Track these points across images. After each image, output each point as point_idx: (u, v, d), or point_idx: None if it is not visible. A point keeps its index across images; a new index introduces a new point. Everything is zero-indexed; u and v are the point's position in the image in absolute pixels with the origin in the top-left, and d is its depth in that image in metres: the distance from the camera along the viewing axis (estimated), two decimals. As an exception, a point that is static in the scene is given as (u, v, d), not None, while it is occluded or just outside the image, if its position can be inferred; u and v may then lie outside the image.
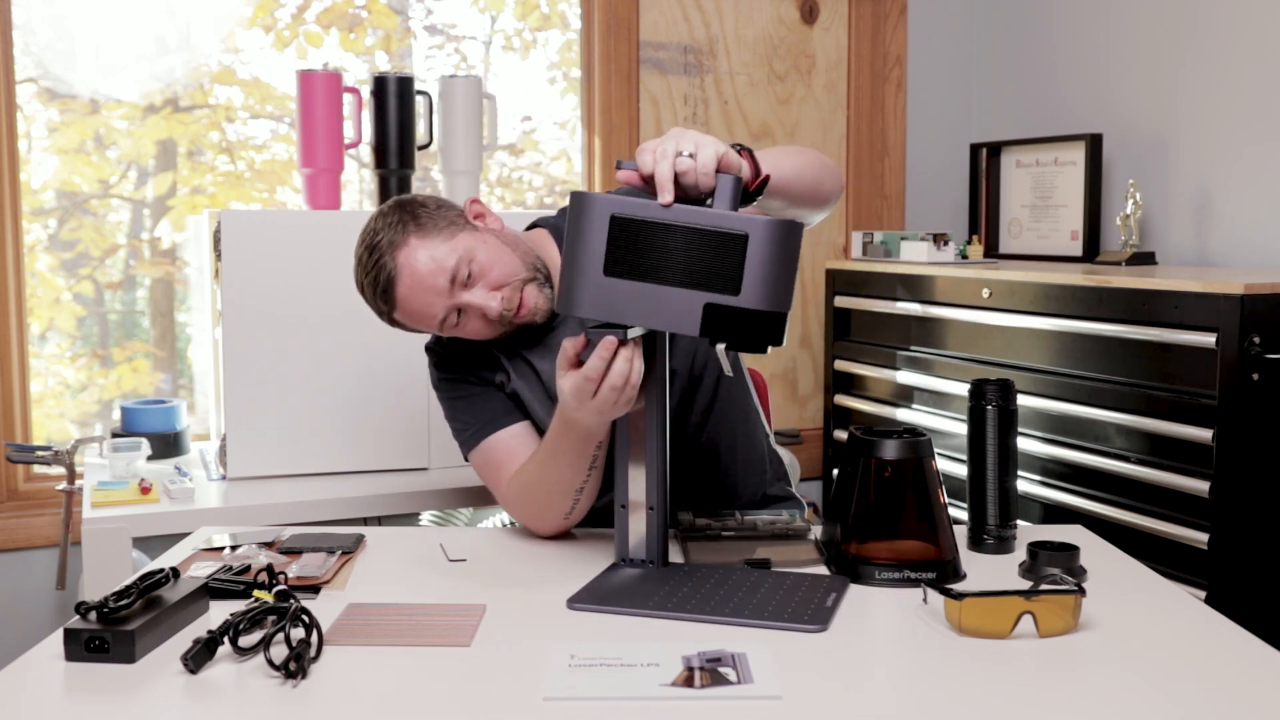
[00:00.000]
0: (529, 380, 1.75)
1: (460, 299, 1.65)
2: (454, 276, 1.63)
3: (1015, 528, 1.59)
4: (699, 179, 1.36)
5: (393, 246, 1.64)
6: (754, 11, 3.02)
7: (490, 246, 1.67)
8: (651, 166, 1.37)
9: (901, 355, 2.64)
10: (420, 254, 1.64)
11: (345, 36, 2.82)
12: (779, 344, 1.34)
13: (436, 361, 1.80)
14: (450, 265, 1.63)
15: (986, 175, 2.94)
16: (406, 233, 1.65)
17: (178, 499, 2.08)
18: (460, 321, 1.67)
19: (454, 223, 1.68)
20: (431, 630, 1.28)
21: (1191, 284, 1.97)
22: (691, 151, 1.36)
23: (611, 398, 1.39)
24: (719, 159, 1.37)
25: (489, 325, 1.68)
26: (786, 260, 1.32)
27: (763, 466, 1.87)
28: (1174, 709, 1.10)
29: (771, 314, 1.32)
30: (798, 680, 1.14)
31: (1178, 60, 2.56)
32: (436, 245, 1.64)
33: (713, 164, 1.36)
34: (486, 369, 1.76)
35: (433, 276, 1.63)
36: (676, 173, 1.35)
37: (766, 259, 1.31)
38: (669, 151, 1.36)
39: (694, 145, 1.37)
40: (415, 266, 1.63)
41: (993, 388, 1.59)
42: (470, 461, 1.78)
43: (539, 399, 1.74)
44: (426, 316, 1.66)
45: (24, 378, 2.53)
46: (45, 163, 2.64)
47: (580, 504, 1.62)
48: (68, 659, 1.19)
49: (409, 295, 1.65)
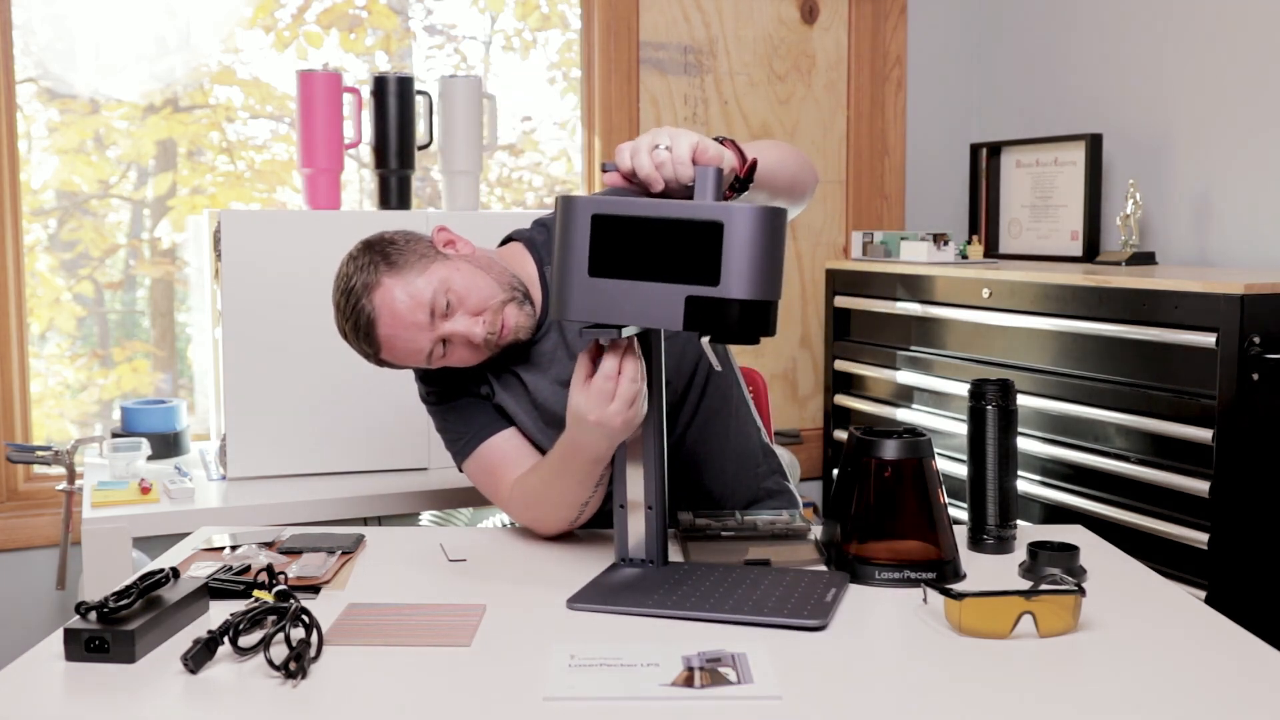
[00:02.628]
0: (515, 392, 1.75)
1: (443, 330, 1.63)
2: (433, 309, 1.62)
3: (1015, 528, 1.59)
4: (677, 170, 1.36)
5: (368, 289, 1.62)
6: (754, 11, 3.02)
7: (464, 273, 1.66)
8: (631, 163, 1.38)
9: (901, 355, 2.64)
10: (397, 292, 1.62)
11: (345, 37, 2.82)
12: (769, 333, 1.32)
13: (423, 376, 1.80)
14: (428, 298, 1.62)
15: (986, 175, 2.94)
16: (379, 273, 1.63)
17: (178, 499, 2.08)
18: (447, 352, 1.66)
19: (425, 255, 1.66)
20: (431, 630, 1.28)
21: (1191, 284, 1.97)
22: (668, 145, 1.37)
23: (632, 391, 1.39)
24: (694, 148, 1.37)
25: (475, 351, 1.67)
26: (768, 247, 1.29)
27: (755, 460, 1.87)
28: (1174, 709, 1.10)
29: (755, 303, 1.30)
30: (798, 680, 1.14)
31: (1178, 60, 2.56)
32: (411, 280, 1.62)
33: (688, 154, 1.37)
34: (471, 382, 1.77)
35: (412, 313, 1.62)
36: (655, 164, 1.36)
37: (745, 247, 1.28)
38: (643, 146, 1.37)
39: (669, 138, 1.38)
40: (393, 306, 1.62)
41: (993, 388, 1.59)
42: (465, 471, 1.77)
43: (525, 410, 1.75)
44: (412, 353, 1.65)
45: (24, 378, 2.53)
46: (45, 163, 2.64)
47: (586, 512, 1.63)
48: (68, 659, 1.19)
49: (391, 335, 1.63)
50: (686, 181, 1.37)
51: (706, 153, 1.38)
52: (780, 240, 1.31)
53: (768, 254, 1.29)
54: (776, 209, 1.31)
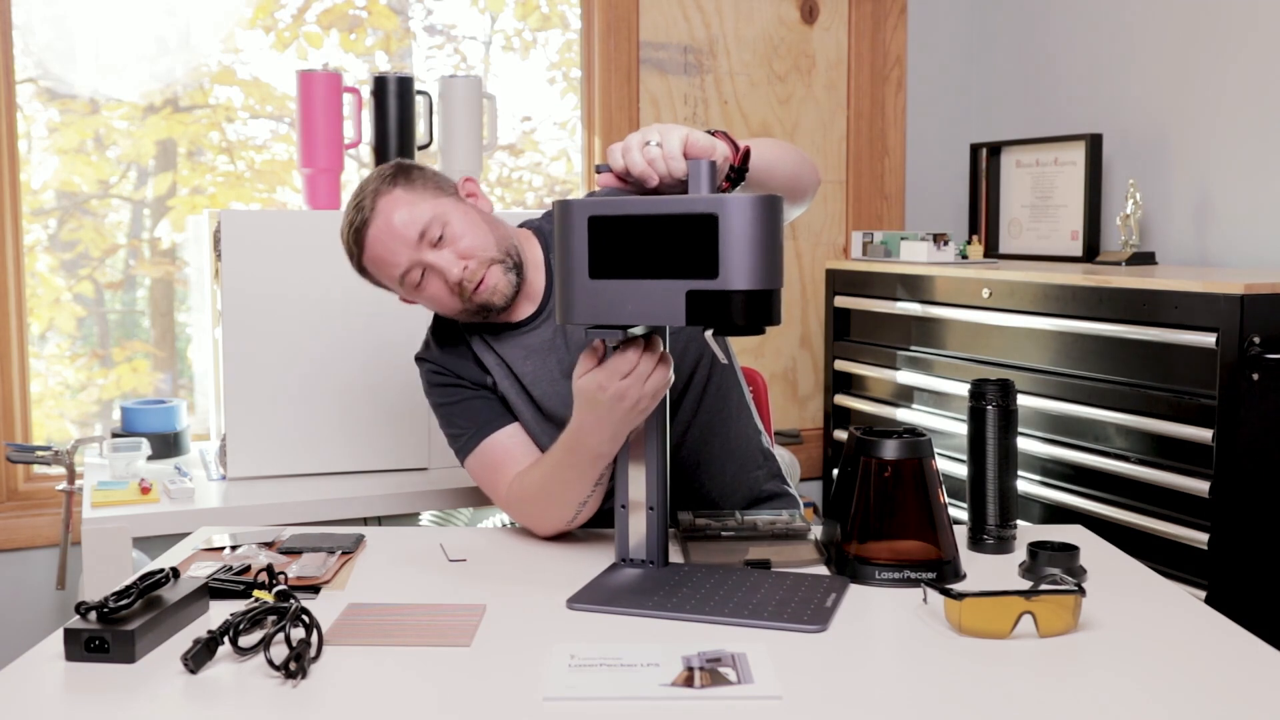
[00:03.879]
0: (510, 382, 1.76)
1: (425, 257, 1.68)
2: (424, 232, 1.67)
3: (1015, 528, 1.59)
4: (669, 164, 1.37)
5: (376, 194, 1.70)
6: (754, 11, 3.02)
7: (469, 218, 1.71)
8: (623, 162, 1.38)
9: (901, 355, 2.64)
10: (400, 205, 1.68)
11: (345, 37, 2.82)
12: (774, 322, 1.31)
13: (428, 370, 1.81)
14: (423, 221, 1.67)
15: (986, 175, 2.94)
16: (394, 185, 1.70)
17: (178, 499, 2.08)
18: (422, 282, 1.70)
19: (441, 189, 1.73)
20: (431, 630, 1.28)
21: (1191, 284, 1.97)
22: (658, 141, 1.37)
23: (663, 377, 1.40)
24: (684, 142, 1.37)
25: (448, 293, 1.70)
26: (765, 235, 1.29)
27: (755, 463, 1.87)
28: (1174, 709, 1.10)
29: (756, 292, 1.29)
30: (798, 680, 1.14)
31: (1177, 60, 2.56)
32: (417, 202, 1.69)
33: (679, 148, 1.37)
34: (475, 372, 1.78)
35: (405, 227, 1.67)
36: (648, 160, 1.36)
37: (742, 237, 1.28)
38: (634, 144, 1.38)
39: (659, 134, 1.38)
40: (391, 215, 1.68)
41: (993, 388, 1.59)
42: (467, 466, 1.78)
43: (522, 400, 1.76)
44: (390, 265, 1.69)
45: (24, 378, 2.53)
46: (45, 163, 2.64)
47: (583, 513, 1.62)
48: (68, 659, 1.19)
49: (377, 240, 1.69)
50: (680, 175, 1.37)
51: (697, 145, 1.38)
52: (778, 228, 1.31)
53: (765, 242, 1.29)
54: (771, 196, 1.31)
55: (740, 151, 1.45)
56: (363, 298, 2.27)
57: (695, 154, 1.37)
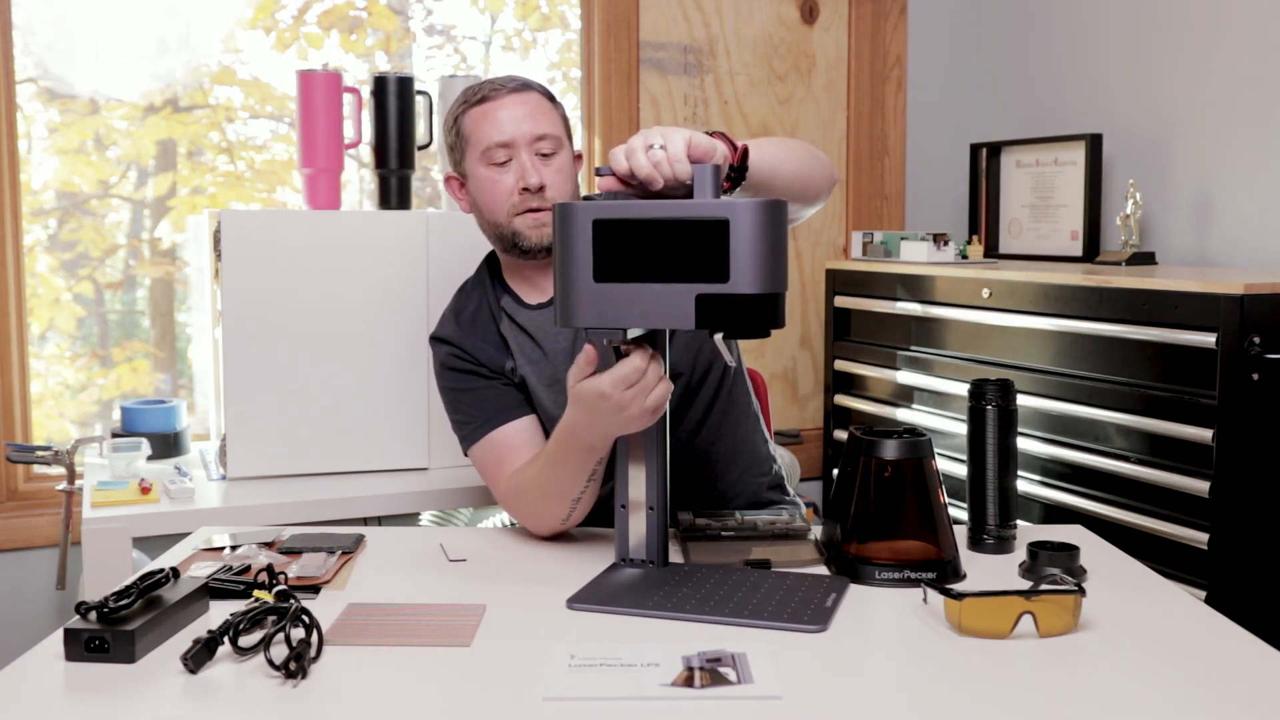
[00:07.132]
0: (536, 362, 1.75)
1: (526, 152, 1.71)
2: (542, 138, 1.72)
3: (1015, 528, 1.59)
4: (674, 168, 1.37)
5: (529, 87, 1.76)
6: (754, 11, 3.02)
7: (569, 171, 1.76)
8: (626, 165, 1.38)
9: (901, 355, 2.64)
10: (542, 110, 1.74)
11: (345, 37, 2.82)
12: (779, 324, 1.33)
13: (445, 353, 1.79)
14: (550, 133, 1.73)
15: (986, 175, 2.94)
16: (549, 100, 1.77)
17: (178, 499, 2.08)
18: (502, 166, 1.73)
19: (568, 135, 1.79)
20: (431, 630, 1.28)
21: (1191, 284, 1.97)
22: (661, 144, 1.37)
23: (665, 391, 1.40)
24: (688, 143, 1.38)
25: (510, 191, 1.72)
26: (772, 240, 1.31)
27: (761, 469, 1.87)
28: (1174, 709, 1.10)
29: (765, 296, 1.31)
30: (798, 680, 1.14)
31: (1178, 60, 2.56)
32: (554, 123, 1.75)
33: (683, 150, 1.37)
34: (496, 355, 1.76)
35: (533, 121, 1.72)
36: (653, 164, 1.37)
37: (751, 241, 1.30)
38: (638, 147, 1.38)
39: (662, 137, 1.38)
40: (531, 105, 1.73)
41: (993, 388, 1.59)
42: (470, 456, 1.77)
43: (543, 383, 1.74)
44: (496, 130, 1.72)
45: (24, 378, 2.53)
46: (45, 163, 2.64)
47: (577, 511, 1.62)
48: (68, 659, 1.19)
49: (505, 109, 1.72)
50: (685, 179, 1.37)
51: (700, 147, 1.38)
52: (783, 232, 1.33)
53: (772, 247, 1.31)
54: (777, 201, 1.33)
55: (739, 151, 1.45)
56: (363, 298, 2.27)
57: (698, 156, 1.38)
